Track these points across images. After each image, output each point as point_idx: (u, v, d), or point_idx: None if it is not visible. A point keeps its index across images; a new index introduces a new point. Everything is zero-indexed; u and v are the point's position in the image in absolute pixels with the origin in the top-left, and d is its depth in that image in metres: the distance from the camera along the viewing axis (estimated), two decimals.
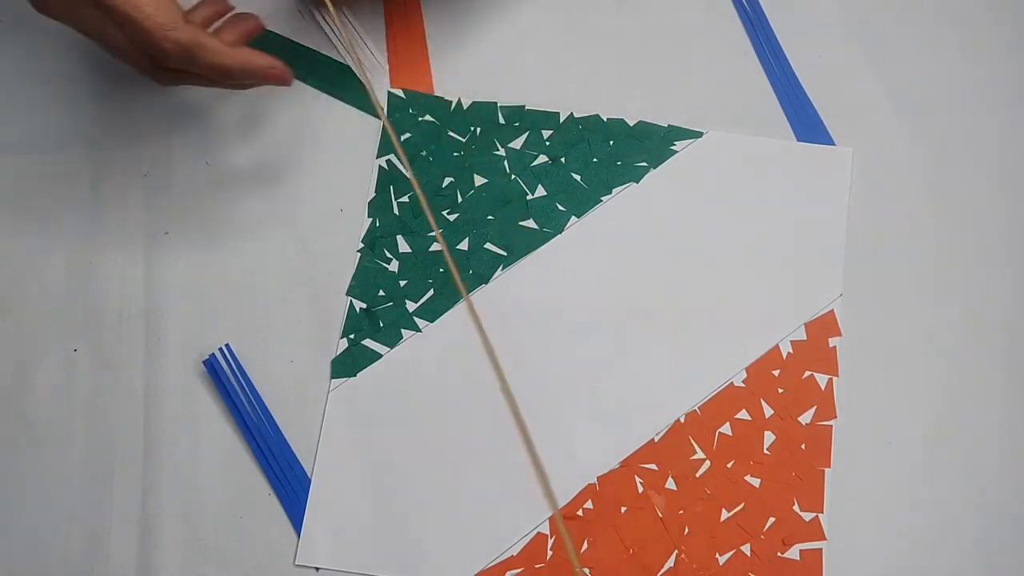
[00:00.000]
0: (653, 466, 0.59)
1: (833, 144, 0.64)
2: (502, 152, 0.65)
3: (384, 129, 0.65)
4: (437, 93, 0.66)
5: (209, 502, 0.59)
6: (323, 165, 0.65)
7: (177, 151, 0.65)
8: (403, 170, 0.64)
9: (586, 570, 0.57)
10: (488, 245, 0.63)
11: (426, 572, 0.57)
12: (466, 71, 0.66)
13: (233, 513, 0.59)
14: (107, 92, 0.65)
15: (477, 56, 0.67)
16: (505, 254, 0.63)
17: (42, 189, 0.63)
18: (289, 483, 0.59)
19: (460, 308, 0.62)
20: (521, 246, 0.63)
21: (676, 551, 0.57)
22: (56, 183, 0.63)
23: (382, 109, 0.65)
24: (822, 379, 0.60)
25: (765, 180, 0.64)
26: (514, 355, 0.61)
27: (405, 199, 0.64)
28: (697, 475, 0.59)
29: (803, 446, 0.59)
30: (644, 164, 0.64)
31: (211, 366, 0.60)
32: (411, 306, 0.62)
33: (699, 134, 0.65)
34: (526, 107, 0.65)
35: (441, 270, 0.63)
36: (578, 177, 0.64)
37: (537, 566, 0.57)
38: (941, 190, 0.64)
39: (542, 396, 0.60)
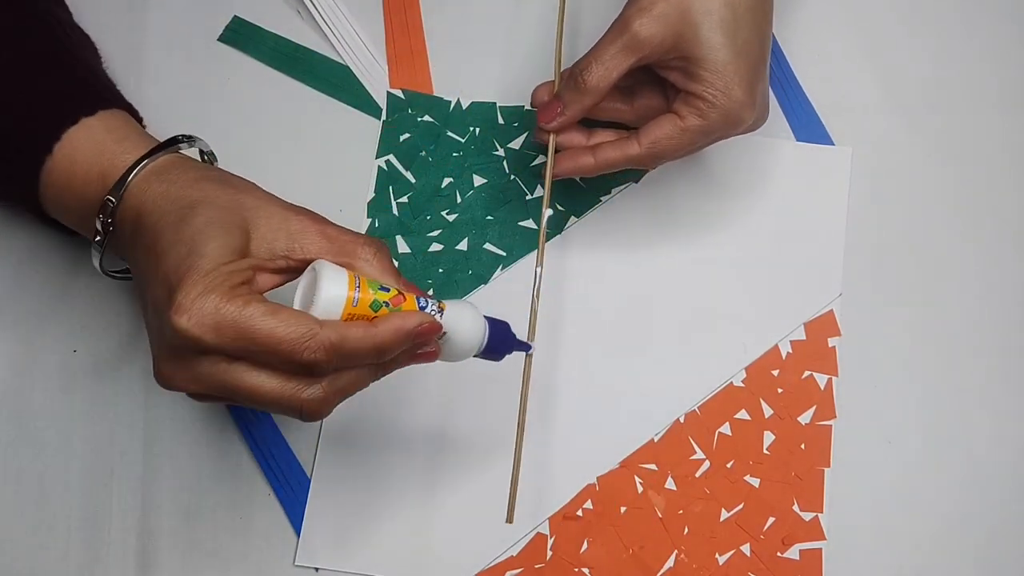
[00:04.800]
0: (653, 466, 0.59)
1: (832, 144, 0.64)
2: (502, 152, 0.65)
3: (384, 129, 0.65)
4: (436, 93, 0.66)
5: (209, 502, 0.59)
6: (322, 165, 0.65)
7: None
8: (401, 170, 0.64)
9: (586, 570, 0.57)
10: (488, 245, 0.63)
11: (426, 572, 0.57)
12: (466, 71, 0.66)
13: (233, 513, 0.59)
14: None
15: (477, 56, 0.67)
16: (505, 254, 0.63)
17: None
18: (289, 483, 0.59)
19: None
20: (521, 246, 0.63)
21: (676, 551, 0.57)
22: None
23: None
24: (822, 379, 0.60)
25: (764, 180, 0.64)
26: (513, 355, 0.61)
27: (404, 199, 0.64)
28: (697, 475, 0.59)
29: (803, 446, 0.59)
30: None
31: None
32: None
33: None
34: (526, 107, 0.65)
35: (440, 270, 0.63)
36: (577, 177, 0.64)
37: (537, 566, 0.57)
38: (940, 190, 0.64)
39: (542, 396, 0.60)
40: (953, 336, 0.61)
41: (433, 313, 0.48)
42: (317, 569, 0.58)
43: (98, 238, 0.51)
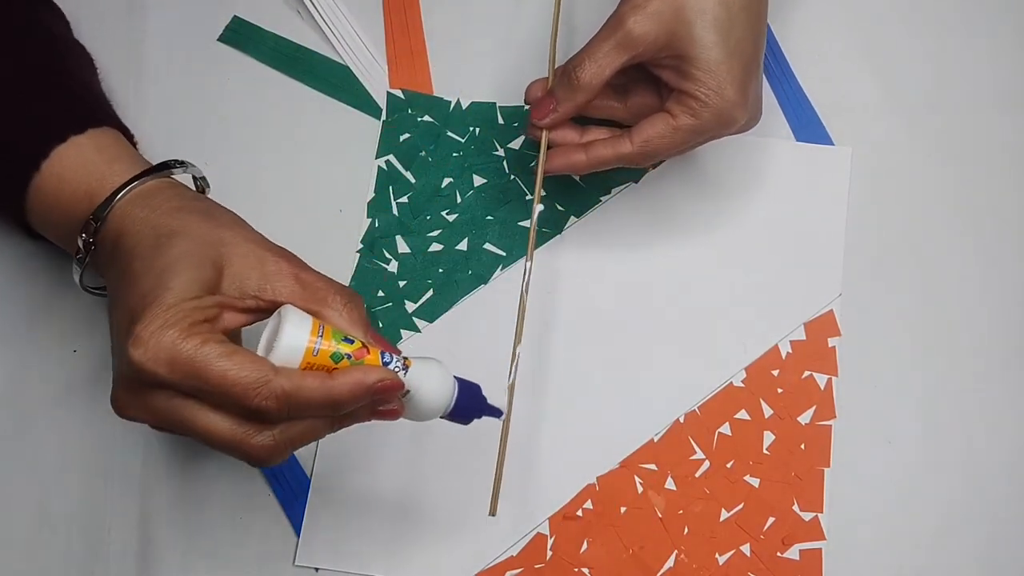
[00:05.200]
0: (653, 466, 0.59)
1: (832, 144, 0.64)
2: (501, 152, 0.65)
3: (383, 129, 0.65)
4: (436, 93, 0.66)
5: (209, 502, 0.59)
6: (322, 165, 0.65)
7: (177, 151, 0.64)
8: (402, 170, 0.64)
9: (586, 570, 0.57)
10: (488, 245, 0.63)
11: (426, 572, 0.57)
12: (465, 71, 0.66)
13: (233, 513, 0.59)
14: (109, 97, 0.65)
15: (476, 56, 0.67)
16: (504, 254, 0.63)
17: None
18: (289, 483, 0.59)
19: (460, 308, 0.62)
20: (521, 246, 0.63)
21: (676, 551, 0.57)
22: None
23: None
24: (821, 379, 0.60)
25: (764, 180, 0.64)
26: (511, 355, 0.61)
27: (404, 199, 0.64)
28: (697, 475, 0.59)
29: (803, 446, 0.59)
30: None
31: None
32: (410, 307, 0.62)
33: None
34: (526, 107, 0.65)
35: (440, 270, 0.63)
36: (577, 177, 0.64)
37: (537, 566, 0.57)
38: (940, 190, 0.64)
39: (541, 396, 0.60)
40: (953, 336, 0.61)
41: (397, 370, 0.46)
42: (317, 569, 0.58)
43: (79, 255, 0.51)
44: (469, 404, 0.50)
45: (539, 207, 0.56)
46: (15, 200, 0.53)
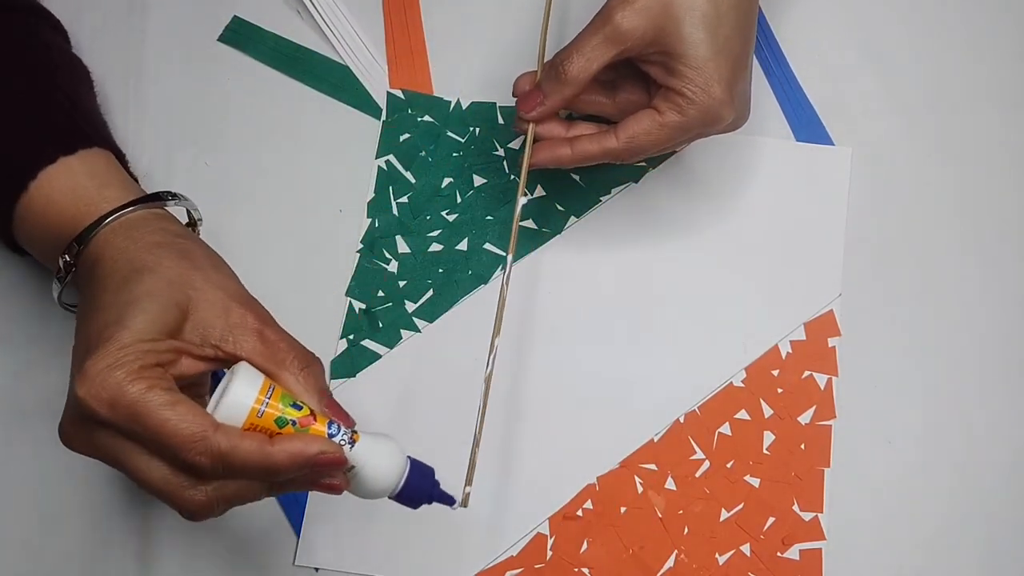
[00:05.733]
0: (653, 466, 0.59)
1: (832, 144, 0.64)
2: (501, 152, 0.65)
3: (383, 129, 0.65)
4: (436, 93, 0.66)
5: None
6: (322, 165, 0.65)
7: (177, 151, 0.65)
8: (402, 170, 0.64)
9: (586, 570, 0.57)
10: (488, 245, 0.63)
11: (426, 572, 0.57)
12: (465, 71, 0.66)
13: (233, 513, 0.58)
14: (109, 97, 0.65)
15: (476, 56, 0.67)
16: (505, 254, 0.63)
17: None
18: None
19: (460, 308, 0.62)
20: (521, 246, 0.63)
21: (676, 551, 0.57)
22: None
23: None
24: (821, 379, 0.60)
25: (764, 180, 0.64)
26: (513, 355, 0.61)
27: (404, 199, 0.64)
28: (697, 475, 0.59)
29: (803, 446, 0.59)
30: (643, 164, 0.64)
31: None
32: (410, 307, 0.62)
33: None
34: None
35: (440, 270, 0.63)
36: (577, 177, 0.64)
37: (537, 566, 0.57)
38: (940, 190, 0.64)
39: (541, 396, 0.60)
40: (953, 336, 0.61)
41: (342, 443, 0.45)
42: (317, 569, 0.58)
43: (59, 275, 0.50)
44: (419, 486, 0.47)
45: (523, 199, 0.56)
46: (2, 217, 0.53)
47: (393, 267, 0.63)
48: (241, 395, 0.44)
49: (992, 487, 0.58)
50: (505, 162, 0.65)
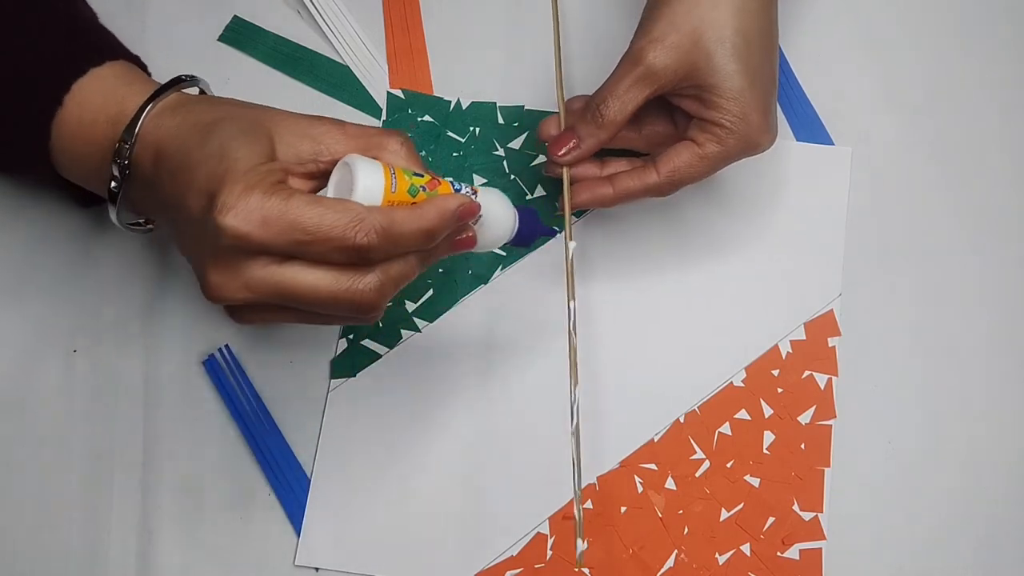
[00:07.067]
0: (653, 466, 0.59)
1: (832, 144, 0.64)
2: (502, 152, 0.65)
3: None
4: (436, 93, 0.66)
5: (209, 502, 0.59)
6: None
7: None
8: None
9: (586, 570, 0.57)
10: None
11: (426, 572, 0.57)
12: (465, 71, 0.66)
13: (233, 513, 0.59)
14: None
15: (476, 56, 0.67)
16: (505, 254, 0.63)
17: (41, 189, 0.63)
18: (289, 483, 0.59)
19: (460, 308, 0.62)
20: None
21: (676, 551, 0.57)
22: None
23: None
24: (821, 379, 0.60)
25: (764, 180, 0.64)
26: (512, 355, 0.61)
27: None
28: (697, 475, 0.59)
29: (803, 446, 0.59)
30: None
31: (211, 366, 0.60)
32: (410, 306, 0.62)
33: None
34: (525, 107, 0.65)
35: (440, 270, 0.63)
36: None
37: (537, 566, 0.57)
38: (940, 190, 0.64)
39: (540, 396, 0.60)
40: (953, 336, 0.61)
41: (469, 195, 0.48)
42: (317, 569, 0.58)
43: (113, 184, 0.50)
44: (530, 225, 0.52)
45: (572, 244, 0.56)
46: (40, 139, 0.53)
47: None
48: (371, 177, 0.45)
49: (992, 487, 0.58)
50: (505, 162, 0.65)
